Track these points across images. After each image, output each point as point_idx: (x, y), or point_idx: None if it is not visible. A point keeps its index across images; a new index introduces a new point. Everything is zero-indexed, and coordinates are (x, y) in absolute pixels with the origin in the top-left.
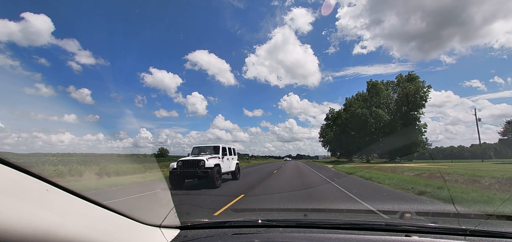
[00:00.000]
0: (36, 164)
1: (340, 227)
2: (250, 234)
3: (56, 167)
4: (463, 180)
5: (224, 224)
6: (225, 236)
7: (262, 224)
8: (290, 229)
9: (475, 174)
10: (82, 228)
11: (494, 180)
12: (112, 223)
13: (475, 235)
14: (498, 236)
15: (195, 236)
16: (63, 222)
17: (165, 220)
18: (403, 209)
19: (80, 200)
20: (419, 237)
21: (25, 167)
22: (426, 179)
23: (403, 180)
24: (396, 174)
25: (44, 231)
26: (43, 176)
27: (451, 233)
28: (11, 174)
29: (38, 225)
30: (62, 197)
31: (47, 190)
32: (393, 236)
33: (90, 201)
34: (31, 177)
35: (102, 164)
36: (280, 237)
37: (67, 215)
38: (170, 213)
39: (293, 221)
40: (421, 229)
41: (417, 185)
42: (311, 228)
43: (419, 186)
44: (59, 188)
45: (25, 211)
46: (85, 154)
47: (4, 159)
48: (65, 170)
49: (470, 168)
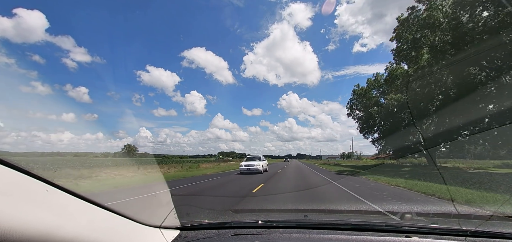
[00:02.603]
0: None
1: (340, 228)
2: (250, 235)
3: (55, 170)
4: None
5: (224, 225)
6: (225, 237)
7: (262, 225)
8: (290, 230)
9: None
10: (82, 229)
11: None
12: (112, 224)
13: (476, 236)
14: (499, 236)
15: (195, 237)
16: (63, 223)
17: (165, 221)
18: (404, 209)
19: (80, 200)
20: (420, 238)
21: (25, 168)
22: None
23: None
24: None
25: (44, 232)
26: (43, 177)
27: (452, 234)
28: (11, 175)
29: (38, 226)
30: (62, 197)
31: (47, 190)
32: (394, 236)
33: (90, 202)
34: (31, 178)
35: (100, 163)
36: (280, 238)
37: (67, 216)
38: (170, 214)
39: (293, 222)
40: (422, 230)
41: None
42: (311, 229)
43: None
44: (59, 189)
45: (25, 212)
46: (83, 154)
47: (4, 159)
48: (63, 172)
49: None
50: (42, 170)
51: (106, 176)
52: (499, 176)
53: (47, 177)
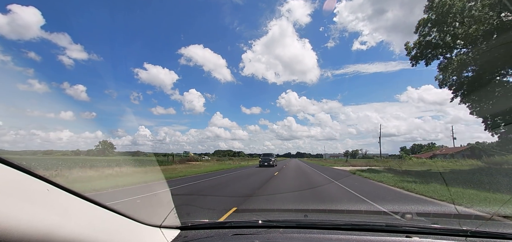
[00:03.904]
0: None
1: (341, 228)
2: (250, 235)
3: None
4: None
5: (224, 225)
6: (225, 237)
7: (262, 225)
8: (290, 230)
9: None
10: (83, 228)
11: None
12: (113, 224)
13: (476, 236)
14: (499, 237)
15: (195, 237)
16: (63, 222)
17: (165, 220)
18: (404, 209)
19: (81, 200)
20: (420, 238)
21: (26, 167)
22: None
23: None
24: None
25: (44, 232)
26: (44, 176)
27: (452, 234)
28: (11, 174)
29: (39, 225)
30: (63, 197)
31: (48, 190)
32: (394, 236)
33: (91, 201)
34: (32, 177)
35: (98, 163)
36: (280, 238)
37: (67, 215)
38: (170, 213)
39: (294, 222)
40: (422, 230)
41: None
42: (312, 229)
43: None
44: (60, 188)
45: (26, 211)
46: (82, 153)
47: (4, 159)
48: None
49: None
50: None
51: (73, 179)
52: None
53: (48, 176)
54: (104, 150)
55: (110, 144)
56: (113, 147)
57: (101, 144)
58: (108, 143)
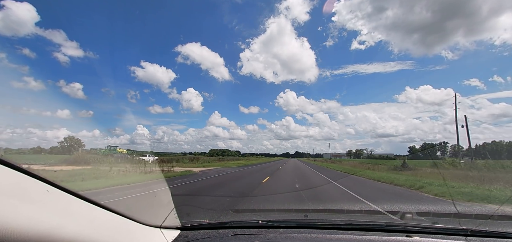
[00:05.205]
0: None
1: (341, 228)
2: (250, 235)
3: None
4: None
5: (224, 225)
6: (225, 237)
7: (262, 225)
8: (290, 230)
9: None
10: (83, 229)
11: None
12: (113, 224)
13: (476, 236)
14: (499, 236)
15: (195, 237)
16: (63, 223)
17: (165, 221)
18: (404, 209)
19: (80, 201)
20: (420, 238)
21: (26, 168)
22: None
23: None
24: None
25: (44, 232)
26: (43, 177)
27: (452, 233)
28: (11, 175)
29: (38, 226)
30: (62, 198)
31: (48, 190)
32: (394, 236)
33: (91, 202)
34: (31, 178)
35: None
36: (280, 238)
37: (67, 216)
38: (170, 214)
39: (294, 222)
40: (422, 230)
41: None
42: (312, 229)
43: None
44: (60, 189)
45: (26, 212)
46: (43, 150)
47: (4, 159)
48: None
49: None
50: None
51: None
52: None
53: (47, 177)
54: (70, 148)
55: (77, 140)
56: (81, 144)
57: (66, 141)
58: (75, 139)
